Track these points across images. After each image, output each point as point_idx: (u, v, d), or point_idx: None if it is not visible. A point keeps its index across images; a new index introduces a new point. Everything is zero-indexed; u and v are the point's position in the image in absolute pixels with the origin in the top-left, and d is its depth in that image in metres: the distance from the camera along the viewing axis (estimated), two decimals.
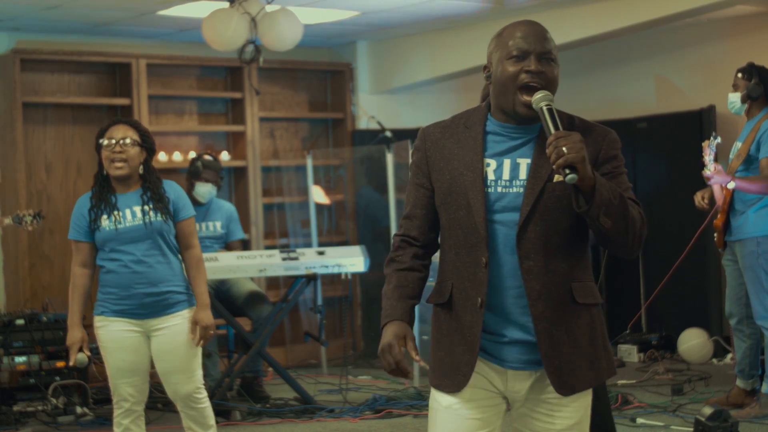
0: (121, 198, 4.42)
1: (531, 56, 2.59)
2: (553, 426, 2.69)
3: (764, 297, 5.75)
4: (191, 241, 4.50)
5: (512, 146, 2.65)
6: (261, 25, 6.71)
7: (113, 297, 4.38)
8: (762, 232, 5.75)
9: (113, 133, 4.42)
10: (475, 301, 2.62)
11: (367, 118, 8.82)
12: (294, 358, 8.30)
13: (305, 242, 8.37)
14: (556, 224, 2.59)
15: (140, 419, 4.46)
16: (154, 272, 4.36)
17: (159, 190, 4.43)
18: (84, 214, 4.42)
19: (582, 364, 2.64)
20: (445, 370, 2.68)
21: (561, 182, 2.53)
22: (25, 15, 7.15)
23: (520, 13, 7.65)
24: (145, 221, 4.36)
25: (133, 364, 4.39)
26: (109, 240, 4.36)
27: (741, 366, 6.01)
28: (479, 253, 2.61)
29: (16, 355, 6.38)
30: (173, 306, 4.40)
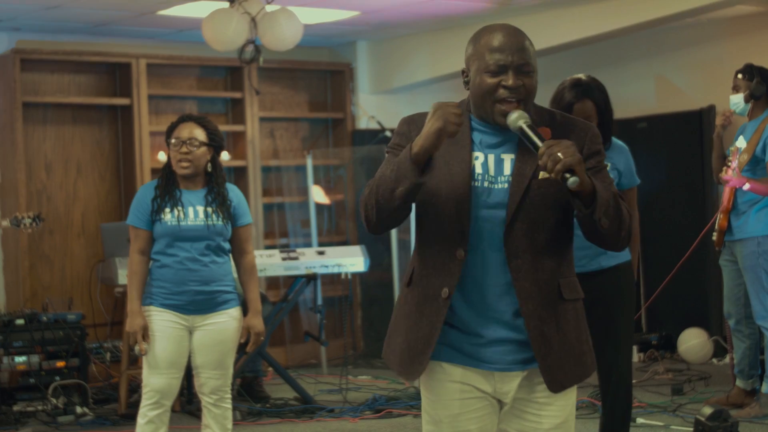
0: (185, 194, 4.44)
1: (509, 70, 2.57)
2: (540, 425, 2.67)
3: (764, 297, 5.75)
4: (247, 247, 4.54)
5: (496, 141, 2.64)
6: (261, 25, 6.71)
7: (165, 291, 4.39)
8: (762, 232, 5.75)
9: (181, 131, 4.42)
10: (439, 292, 2.60)
11: (367, 118, 8.83)
12: (294, 358, 8.30)
13: (305, 242, 8.37)
14: (542, 221, 2.58)
15: (166, 415, 4.46)
16: (208, 271, 4.39)
17: (223, 191, 4.46)
18: (147, 202, 4.43)
19: (571, 360, 2.64)
20: (403, 357, 2.68)
21: (546, 179, 2.54)
22: (25, 15, 7.15)
23: (521, 13, 7.65)
24: (207, 223, 4.39)
25: (173, 355, 4.38)
26: (169, 234, 4.38)
27: (740, 366, 6.01)
28: (456, 245, 2.58)
29: (16, 355, 6.38)
30: (221, 304, 4.43)
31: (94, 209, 7.86)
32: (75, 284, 7.70)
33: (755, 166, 5.80)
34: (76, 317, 6.63)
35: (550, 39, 7.76)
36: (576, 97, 4.29)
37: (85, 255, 7.77)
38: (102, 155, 7.89)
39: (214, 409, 4.48)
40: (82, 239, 7.79)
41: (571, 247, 2.70)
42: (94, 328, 7.24)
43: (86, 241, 7.80)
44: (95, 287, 7.58)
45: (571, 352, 2.64)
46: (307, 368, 8.02)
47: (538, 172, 2.56)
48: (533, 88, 2.60)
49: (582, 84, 4.34)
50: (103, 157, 7.88)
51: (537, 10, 7.56)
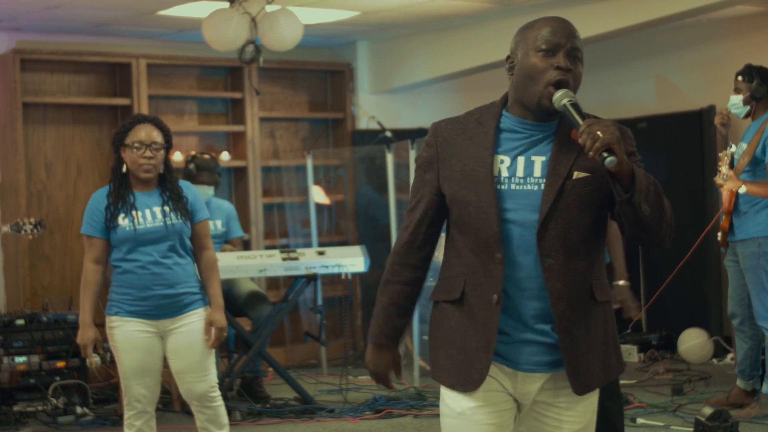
0: (139, 197, 4.37)
1: (561, 52, 2.56)
2: (560, 430, 2.65)
3: (765, 298, 5.75)
4: (206, 243, 4.48)
5: (527, 143, 2.60)
6: (261, 25, 6.71)
7: (129, 298, 4.33)
8: (763, 233, 5.75)
9: (139, 134, 4.35)
10: (491, 298, 2.56)
11: (367, 118, 8.83)
12: (294, 358, 8.30)
13: (305, 242, 8.37)
14: (576, 222, 2.55)
15: (152, 420, 4.42)
16: (172, 274, 4.33)
17: (178, 189, 4.41)
18: (100, 210, 4.35)
19: (596, 362, 2.62)
20: (459, 368, 2.62)
21: (581, 179, 2.53)
22: (25, 15, 7.15)
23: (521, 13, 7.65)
24: (166, 222, 4.33)
25: (146, 364, 4.34)
26: (128, 240, 4.31)
27: (742, 366, 6.01)
28: (492, 249, 2.56)
29: (16, 355, 6.38)
30: (188, 306, 4.37)
31: None
32: (75, 284, 7.68)
33: (755, 167, 5.79)
34: (76, 317, 6.62)
35: None
36: None
37: None
38: (102, 155, 7.88)
39: (206, 411, 4.43)
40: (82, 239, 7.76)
41: (603, 248, 2.69)
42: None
43: None
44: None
45: (597, 354, 2.61)
46: (307, 368, 8.02)
47: (572, 172, 2.54)
48: (580, 77, 2.58)
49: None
50: (103, 157, 7.88)
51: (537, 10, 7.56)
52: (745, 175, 5.81)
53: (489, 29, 8.05)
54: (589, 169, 2.55)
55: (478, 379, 2.58)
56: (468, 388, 2.60)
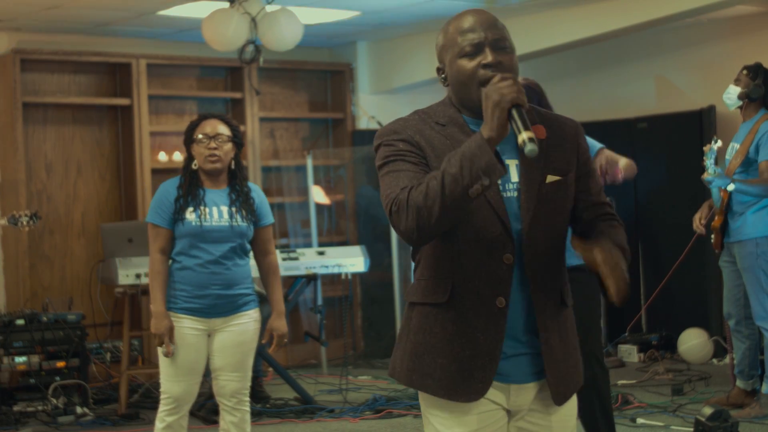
0: (209, 193, 4.36)
1: (485, 48, 2.40)
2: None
3: (763, 298, 5.75)
4: (269, 248, 4.50)
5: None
6: (261, 25, 6.71)
7: (185, 294, 4.30)
8: (761, 233, 5.75)
9: (205, 128, 4.35)
10: (493, 301, 2.39)
11: (367, 118, 8.83)
12: (294, 358, 8.30)
13: (305, 242, 8.37)
14: (556, 229, 2.46)
15: (184, 419, 4.39)
16: (231, 274, 4.33)
17: (246, 190, 4.41)
18: (170, 200, 4.32)
19: (570, 370, 2.54)
20: (455, 379, 2.43)
21: (554, 183, 2.42)
22: (25, 15, 7.15)
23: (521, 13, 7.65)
24: (231, 223, 4.33)
25: (192, 363, 4.32)
26: (192, 235, 4.29)
27: (741, 367, 6.01)
28: (502, 252, 2.39)
29: (16, 355, 6.38)
30: (241, 306, 4.37)
31: (94, 209, 7.86)
32: (75, 284, 7.70)
33: (748, 167, 5.80)
34: (76, 317, 6.63)
35: (550, 39, 7.76)
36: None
37: (85, 255, 7.77)
38: (102, 155, 7.89)
39: (234, 413, 4.39)
40: (82, 239, 7.79)
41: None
42: (94, 328, 7.24)
43: (86, 242, 7.80)
44: (95, 287, 7.58)
45: (570, 362, 2.53)
46: (307, 368, 8.02)
47: (545, 175, 2.42)
48: (514, 67, 2.40)
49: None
50: (103, 158, 7.88)
51: (537, 10, 7.56)
52: (739, 176, 5.82)
53: None
54: (559, 171, 2.45)
55: (482, 389, 2.42)
56: (469, 398, 2.43)
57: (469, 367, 2.42)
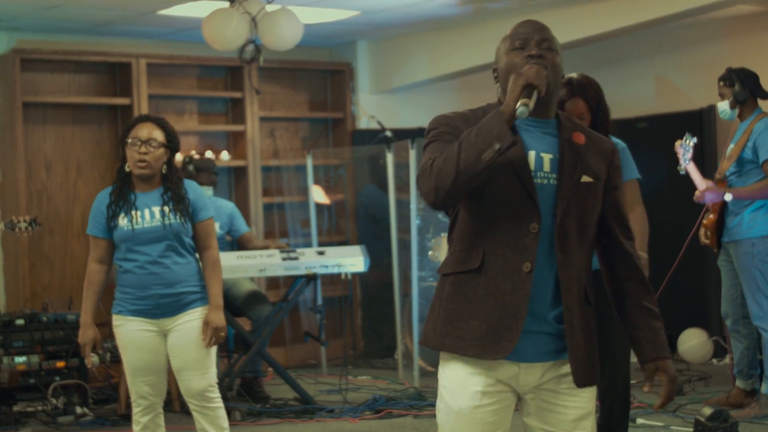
0: (140, 197, 4.38)
1: (531, 42, 2.71)
2: (566, 416, 2.70)
3: (760, 297, 5.76)
4: (209, 242, 4.47)
5: (534, 139, 2.70)
6: (261, 24, 6.71)
7: (130, 297, 4.35)
8: (757, 233, 5.76)
9: (139, 131, 4.38)
10: (520, 267, 2.61)
11: (367, 118, 8.82)
12: (294, 358, 8.30)
13: (305, 242, 8.37)
14: (584, 221, 2.68)
15: (159, 416, 4.44)
16: (171, 273, 4.34)
17: (180, 190, 4.40)
18: (102, 210, 4.38)
19: (591, 360, 2.70)
20: (484, 338, 2.62)
21: (586, 183, 2.67)
22: (25, 15, 7.15)
23: (520, 13, 7.64)
24: (164, 222, 4.34)
25: (149, 363, 4.37)
26: (126, 240, 4.33)
27: (740, 366, 6.01)
28: (528, 221, 2.62)
29: (16, 355, 6.38)
30: (188, 305, 4.38)
31: None
32: (75, 284, 7.69)
33: (741, 168, 5.81)
34: (76, 317, 6.62)
35: None
36: (567, 95, 4.28)
37: (85, 255, 7.70)
38: (102, 155, 7.88)
39: (205, 412, 4.41)
40: (82, 239, 7.78)
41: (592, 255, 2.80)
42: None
43: (86, 241, 7.76)
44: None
45: (591, 353, 2.71)
46: (307, 368, 8.02)
47: (581, 175, 2.68)
48: (557, 65, 2.69)
49: (573, 82, 4.34)
50: (103, 157, 7.88)
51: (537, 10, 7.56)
52: (732, 176, 5.83)
53: (489, 29, 8.04)
54: (593, 175, 2.70)
55: (508, 347, 2.61)
56: (498, 356, 2.61)
57: (497, 327, 2.62)
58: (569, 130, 2.71)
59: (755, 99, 5.89)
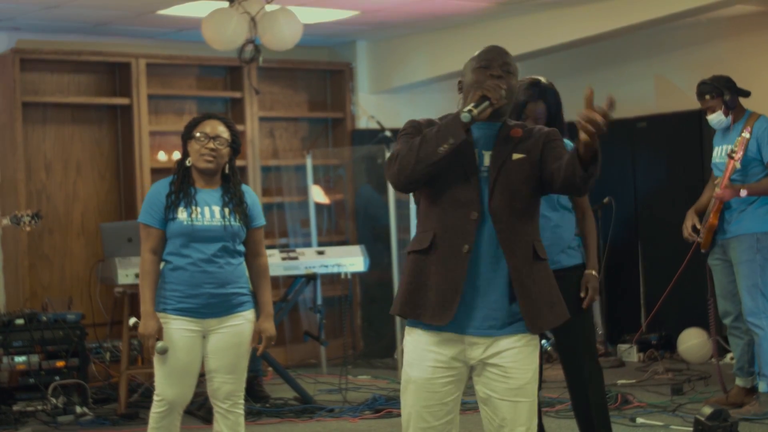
0: (201, 193, 4.32)
1: (494, 64, 3.19)
2: (507, 385, 3.15)
3: (755, 293, 5.76)
4: (260, 249, 4.45)
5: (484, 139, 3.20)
6: (261, 24, 6.71)
7: (178, 294, 4.26)
8: (761, 229, 5.77)
9: (207, 127, 4.32)
10: (461, 248, 3.12)
11: (366, 118, 8.82)
12: (294, 358, 8.30)
13: (305, 242, 8.37)
14: (518, 192, 3.15)
15: (177, 419, 4.37)
16: (223, 273, 4.28)
17: (240, 192, 4.37)
18: (161, 200, 4.28)
19: (545, 308, 3.17)
20: (435, 307, 3.13)
21: (519, 159, 3.16)
22: (25, 15, 7.16)
23: (520, 13, 7.64)
24: (224, 223, 4.28)
25: (186, 365, 4.28)
26: (182, 234, 4.25)
27: (740, 364, 6.01)
28: (470, 209, 3.13)
29: (15, 355, 6.38)
30: (236, 307, 4.33)
31: (93, 209, 7.86)
32: (75, 284, 7.70)
33: (746, 167, 5.82)
34: (75, 317, 6.63)
35: (550, 39, 7.76)
36: (531, 97, 4.33)
37: (85, 255, 7.77)
38: (102, 155, 7.89)
39: (228, 416, 4.37)
40: (81, 239, 7.79)
41: (538, 215, 3.25)
42: (93, 328, 7.23)
43: (86, 241, 7.80)
44: (95, 287, 7.57)
45: (545, 301, 3.17)
46: (306, 368, 8.02)
47: (512, 155, 3.16)
48: (513, 85, 3.19)
49: (540, 85, 4.37)
50: (103, 157, 7.88)
51: (537, 10, 7.56)
52: (736, 175, 5.84)
53: (489, 29, 8.05)
54: (524, 151, 3.17)
55: (450, 314, 3.11)
56: (444, 321, 3.12)
57: (443, 299, 3.13)
58: (509, 129, 3.20)
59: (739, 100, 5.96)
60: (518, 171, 3.16)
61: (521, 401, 3.16)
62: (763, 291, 5.77)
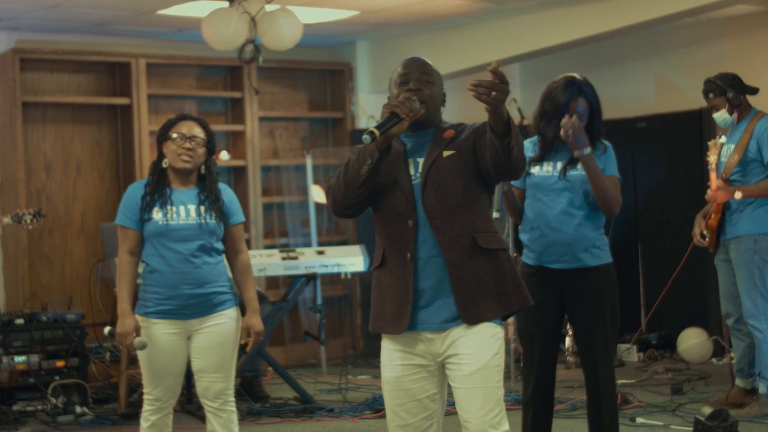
0: (176, 192, 4.35)
1: (411, 78, 3.33)
2: (461, 372, 3.22)
3: (755, 295, 5.75)
4: (240, 246, 4.46)
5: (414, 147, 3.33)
6: (261, 24, 6.71)
7: (157, 296, 4.29)
8: (759, 230, 5.76)
9: (182, 128, 4.36)
10: (405, 256, 3.25)
11: (366, 118, 8.83)
12: (293, 358, 8.30)
13: (305, 242, 8.37)
14: (451, 188, 3.24)
15: (168, 417, 4.41)
16: (201, 273, 4.29)
17: (216, 191, 4.39)
18: (137, 201, 4.32)
19: (487, 298, 3.24)
20: (392, 317, 3.28)
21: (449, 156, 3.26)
22: (25, 15, 7.16)
23: (520, 13, 7.65)
24: (200, 221, 4.31)
25: (169, 366, 4.32)
26: (158, 234, 4.28)
27: (740, 365, 6.01)
28: (407, 218, 3.25)
29: (15, 355, 6.38)
30: (217, 306, 4.34)
31: (93, 209, 7.86)
32: (75, 284, 7.70)
33: (746, 167, 5.80)
34: (75, 317, 6.63)
35: (550, 39, 7.76)
36: (571, 95, 4.34)
37: (85, 255, 7.77)
38: (102, 155, 7.89)
39: (219, 414, 4.38)
40: (81, 239, 7.79)
41: (485, 207, 3.32)
42: (93, 328, 7.23)
43: (86, 241, 7.80)
44: (95, 287, 7.58)
45: (488, 292, 3.24)
46: (306, 368, 8.02)
47: (443, 153, 3.27)
48: (434, 94, 3.33)
49: (576, 82, 4.38)
50: (103, 157, 7.88)
51: (537, 9, 7.56)
52: (736, 176, 5.82)
53: (489, 29, 8.05)
54: (455, 148, 3.28)
55: (405, 322, 3.25)
56: (400, 331, 3.26)
57: (398, 308, 3.27)
58: (442, 131, 3.32)
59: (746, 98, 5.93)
60: (449, 167, 3.25)
61: (474, 388, 3.20)
62: (762, 293, 5.76)
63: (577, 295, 4.35)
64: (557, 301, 4.38)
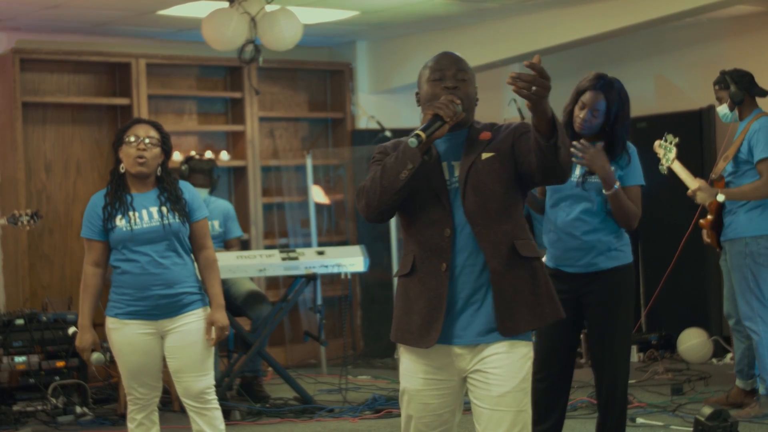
0: (137, 197, 4.38)
1: (448, 74, 3.16)
2: (490, 392, 3.08)
3: (750, 298, 5.74)
4: (205, 242, 4.48)
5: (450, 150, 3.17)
6: (261, 24, 6.71)
7: (128, 298, 4.33)
8: (750, 233, 5.74)
9: (136, 131, 4.38)
10: (439, 267, 3.09)
11: (366, 118, 8.82)
12: (293, 358, 8.30)
13: (305, 242, 8.37)
14: (492, 193, 3.09)
15: (154, 413, 4.46)
16: (170, 273, 4.33)
17: (176, 191, 4.41)
18: (98, 212, 4.37)
19: (523, 309, 3.09)
20: (420, 330, 3.12)
21: (489, 158, 3.11)
22: (25, 15, 7.16)
23: (520, 13, 7.65)
24: (163, 223, 4.34)
25: (145, 365, 4.37)
26: (125, 240, 4.32)
27: (740, 366, 6.01)
28: (443, 226, 3.10)
29: (15, 355, 6.38)
30: (187, 306, 4.37)
31: None
32: (75, 284, 7.69)
33: (737, 168, 5.79)
34: (75, 317, 6.62)
35: (550, 39, 7.76)
36: (592, 86, 4.32)
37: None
38: (102, 155, 7.88)
39: (203, 412, 4.40)
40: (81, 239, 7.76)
41: (521, 213, 3.18)
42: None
43: None
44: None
45: (523, 303, 3.10)
46: (306, 368, 8.02)
47: (481, 155, 3.12)
48: (469, 94, 3.16)
49: (605, 78, 4.37)
50: (103, 157, 7.88)
51: (537, 9, 7.56)
52: (730, 177, 5.82)
53: (489, 29, 8.05)
54: (494, 150, 3.13)
55: (435, 336, 3.09)
56: (428, 345, 3.10)
57: (428, 321, 3.11)
58: (477, 132, 3.16)
59: (753, 98, 5.89)
60: (488, 171, 3.10)
61: (502, 411, 3.06)
62: (757, 295, 5.74)
63: (592, 298, 4.33)
64: (575, 304, 4.35)
